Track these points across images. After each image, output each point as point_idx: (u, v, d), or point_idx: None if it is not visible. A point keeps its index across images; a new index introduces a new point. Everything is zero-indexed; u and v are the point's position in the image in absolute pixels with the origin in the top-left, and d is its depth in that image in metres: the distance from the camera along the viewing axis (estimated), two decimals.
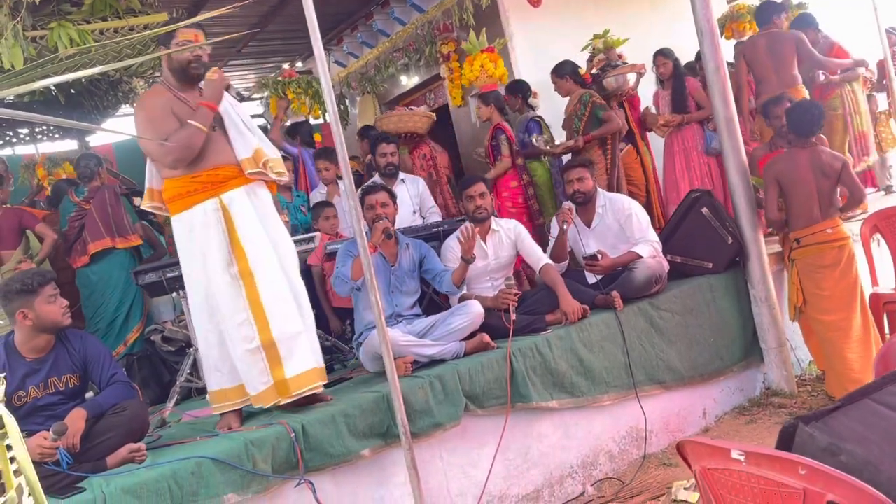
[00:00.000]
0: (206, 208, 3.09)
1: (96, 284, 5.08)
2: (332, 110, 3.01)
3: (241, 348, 3.08)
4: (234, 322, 3.07)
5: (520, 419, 3.61)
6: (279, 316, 3.09)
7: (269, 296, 3.09)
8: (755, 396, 4.54)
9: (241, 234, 3.09)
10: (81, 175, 5.34)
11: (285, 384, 3.07)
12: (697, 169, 5.69)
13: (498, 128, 5.43)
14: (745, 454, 1.57)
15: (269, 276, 3.11)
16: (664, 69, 5.80)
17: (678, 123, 5.72)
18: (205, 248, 3.09)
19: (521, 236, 4.26)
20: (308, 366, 3.14)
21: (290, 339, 3.10)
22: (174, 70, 3.18)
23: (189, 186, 3.10)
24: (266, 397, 3.09)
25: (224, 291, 3.07)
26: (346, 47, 7.77)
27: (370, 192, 3.96)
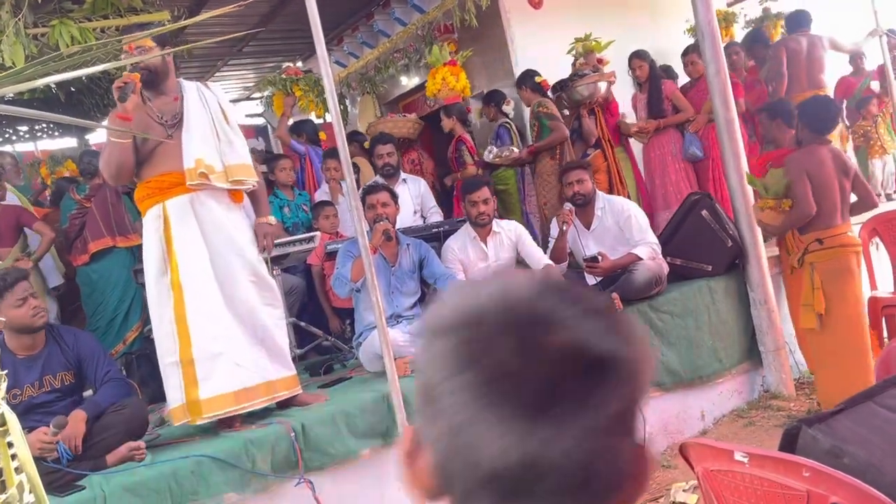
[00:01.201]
0: (151, 215, 3.04)
1: (96, 283, 5.07)
2: (335, 110, 3.01)
3: (163, 361, 3.03)
4: (160, 333, 3.03)
5: None
6: (202, 334, 2.96)
7: (195, 312, 2.96)
8: (753, 399, 4.54)
9: (175, 244, 2.98)
10: (84, 171, 5.33)
11: (198, 405, 2.95)
12: (673, 175, 5.57)
13: (459, 140, 5.53)
14: (748, 456, 1.58)
15: (198, 291, 2.97)
16: (640, 72, 5.67)
17: (653, 129, 5.60)
18: (147, 255, 3.05)
19: (522, 238, 4.26)
20: (226, 389, 2.98)
21: (210, 359, 2.96)
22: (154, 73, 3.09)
23: (142, 192, 3.08)
24: (177, 415, 3.00)
25: (155, 301, 3.02)
26: (346, 47, 7.76)
27: (371, 191, 3.96)
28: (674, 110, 5.62)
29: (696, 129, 5.54)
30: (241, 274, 3.10)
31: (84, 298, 5.15)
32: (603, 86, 5.33)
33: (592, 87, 5.28)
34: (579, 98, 5.31)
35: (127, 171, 3.01)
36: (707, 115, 5.42)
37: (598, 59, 5.70)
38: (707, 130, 5.50)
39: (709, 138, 5.48)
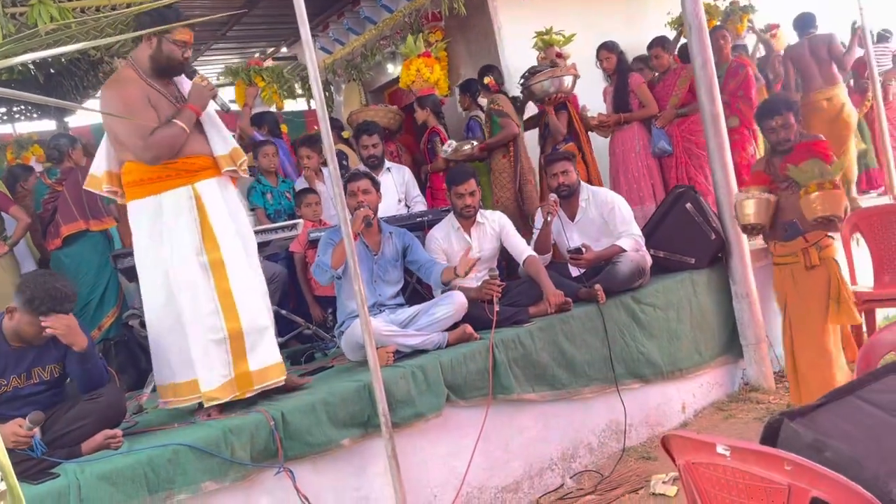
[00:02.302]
0: (179, 195, 3.03)
1: (68, 267, 4.98)
2: (319, 97, 2.97)
3: (206, 339, 3.00)
4: (201, 312, 3.00)
5: (501, 411, 3.60)
6: (249, 308, 3.07)
7: (240, 287, 3.06)
8: (734, 392, 4.58)
9: (214, 224, 3.05)
10: (50, 157, 5.24)
11: (248, 377, 3.03)
12: (635, 171, 5.46)
13: (433, 131, 5.47)
14: (730, 449, 1.57)
15: (240, 268, 3.09)
16: (607, 63, 5.54)
17: (615, 123, 5.48)
18: (172, 236, 3.02)
19: (506, 229, 4.25)
20: (272, 360, 3.12)
21: (257, 331, 3.08)
22: (156, 60, 3.08)
23: (161, 172, 3.03)
24: (223, 391, 3.01)
25: (190, 280, 3.00)
26: (331, 34, 7.68)
27: (353, 179, 3.93)
28: (641, 105, 5.49)
29: (663, 124, 5.42)
30: (254, 256, 3.27)
31: None
32: (568, 80, 5.12)
33: (555, 82, 5.08)
34: (538, 94, 5.17)
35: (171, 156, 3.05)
36: (674, 110, 5.38)
37: (556, 53, 5.52)
38: (672, 126, 5.42)
39: (675, 134, 5.40)
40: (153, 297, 3.12)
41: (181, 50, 3.07)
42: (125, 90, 3.06)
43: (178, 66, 3.12)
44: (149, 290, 3.13)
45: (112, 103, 3.08)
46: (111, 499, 2.54)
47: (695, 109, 5.27)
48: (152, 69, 3.09)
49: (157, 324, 3.12)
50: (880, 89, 6.24)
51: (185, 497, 2.69)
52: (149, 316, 3.16)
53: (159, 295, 3.08)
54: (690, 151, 5.37)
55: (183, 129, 3.01)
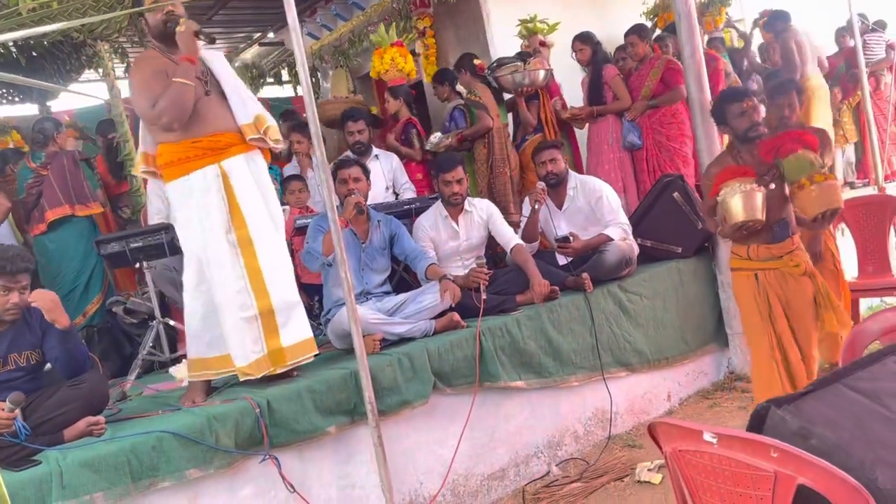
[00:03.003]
0: (206, 174, 3.04)
1: (53, 253, 4.93)
2: (306, 83, 2.94)
3: (236, 316, 3.02)
4: (231, 289, 3.02)
5: (487, 398, 3.60)
6: (279, 284, 3.09)
7: (269, 264, 3.08)
8: (719, 380, 4.60)
9: (241, 201, 3.06)
10: (35, 141, 5.18)
11: (281, 353, 3.07)
12: (607, 164, 5.39)
13: (409, 122, 5.41)
14: (717, 436, 1.57)
15: (269, 245, 3.10)
16: (581, 55, 5.47)
17: (588, 116, 5.42)
18: (202, 214, 3.03)
19: (493, 217, 4.23)
20: (304, 335, 3.17)
21: (288, 308, 3.11)
22: (156, 36, 3.11)
23: (189, 152, 3.03)
24: (258, 367, 3.05)
25: (220, 258, 3.02)
26: (319, 19, 7.61)
27: (343, 165, 3.90)
28: (615, 97, 5.41)
29: (633, 116, 5.35)
30: (282, 232, 3.26)
31: (41, 270, 5.00)
32: (541, 73, 5.02)
33: (525, 74, 4.99)
34: (509, 86, 5.10)
35: (188, 114, 3.00)
36: (645, 103, 5.32)
37: (540, 41, 5.51)
38: (643, 118, 5.36)
39: (645, 126, 5.35)
40: (187, 281, 3.14)
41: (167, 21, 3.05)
42: (141, 68, 3.09)
43: (168, 27, 3.08)
44: (186, 273, 3.15)
45: (132, 81, 3.11)
46: (94, 486, 2.51)
47: (666, 101, 5.28)
48: (164, 44, 3.11)
49: (190, 301, 3.14)
50: (866, 79, 6.27)
51: (169, 484, 2.67)
52: (185, 298, 3.19)
53: (192, 273, 3.10)
54: (661, 144, 5.32)
55: (182, 84, 2.96)
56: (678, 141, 5.30)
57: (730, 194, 3.26)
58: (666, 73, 5.30)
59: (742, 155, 3.42)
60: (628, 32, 5.54)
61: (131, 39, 5.72)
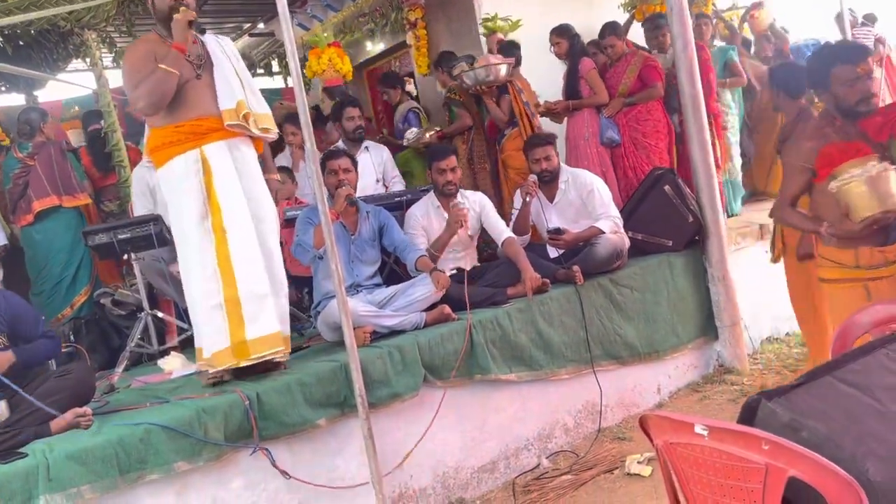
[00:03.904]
0: (187, 159, 3.02)
1: (40, 244, 4.89)
2: (296, 74, 2.92)
3: (205, 304, 2.99)
4: (200, 276, 3.00)
5: (478, 391, 3.60)
6: (247, 275, 3.01)
7: (240, 254, 3.01)
8: (709, 373, 4.61)
9: (217, 188, 3.02)
10: (22, 132, 5.13)
11: (245, 346, 2.99)
12: (585, 160, 5.29)
13: None
14: (708, 429, 1.57)
15: (241, 235, 3.03)
16: (558, 49, 5.39)
17: (564, 110, 5.35)
18: (181, 200, 3.02)
19: (486, 209, 4.23)
20: (271, 329, 3.05)
21: (257, 299, 3.02)
22: (160, 19, 3.08)
23: (172, 136, 3.01)
24: (220, 359, 3.00)
25: (194, 244, 3.00)
26: (309, 10, 7.55)
27: (332, 157, 3.88)
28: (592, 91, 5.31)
29: (610, 113, 5.29)
30: (270, 224, 3.20)
31: (28, 261, 4.98)
32: (503, 69, 4.86)
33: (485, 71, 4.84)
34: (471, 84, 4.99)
35: (166, 102, 2.98)
36: (622, 100, 5.27)
37: (499, 39, 5.44)
38: (620, 116, 5.29)
39: (622, 124, 5.29)
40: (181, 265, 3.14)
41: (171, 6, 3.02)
42: (133, 50, 3.09)
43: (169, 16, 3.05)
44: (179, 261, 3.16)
45: (124, 64, 3.08)
46: (81, 479, 2.50)
47: (643, 98, 5.25)
48: (166, 29, 3.08)
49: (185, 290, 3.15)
50: None
51: (157, 477, 2.66)
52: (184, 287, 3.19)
53: (180, 261, 3.11)
54: (637, 141, 5.26)
55: (166, 72, 2.94)
56: (654, 137, 5.27)
57: (856, 181, 2.53)
58: (643, 71, 5.26)
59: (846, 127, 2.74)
60: (604, 33, 5.46)
61: (119, 29, 5.67)
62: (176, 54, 2.97)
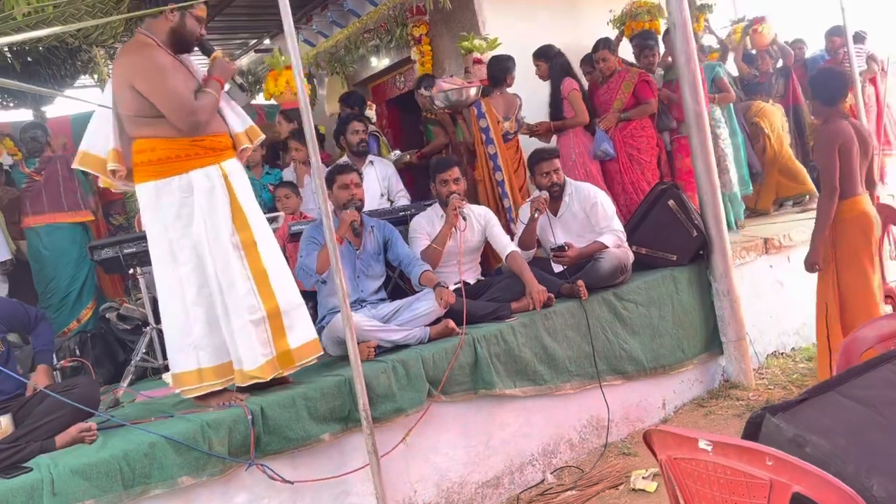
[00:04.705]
0: (210, 174, 2.98)
1: (47, 259, 4.94)
2: (302, 91, 2.94)
3: (243, 319, 2.96)
4: (237, 292, 2.96)
5: (482, 406, 3.59)
6: (283, 286, 3.08)
7: (273, 266, 3.06)
8: (714, 388, 4.60)
9: (242, 203, 3.04)
10: (31, 149, 5.19)
11: (289, 355, 3.05)
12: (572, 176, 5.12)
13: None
14: (712, 444, 1.57)
15: (270, 247, 3.09)
16: (539, 71, 5.45)
17: (546, 131, 5.36)
18: (206, 215, 2.95)
19: (491, 223, 4.24)
20: (311, 336, 3.15)
21: (294, 309, 3.09)
22: (178, 34, 3.03)
23: (189, 150, 2.96)
24: (267, 370, 3.01)
25: (225, 260, 2.96)
26: (315, 26, 7.62)
27: (343, 171, 3.89)
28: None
29: (606, 126, 5.31)
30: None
31: (34, 275, 5.03)
32: (472, 91, 4.81)
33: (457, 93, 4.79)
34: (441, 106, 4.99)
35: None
36: (617, 114, 5.29)
37: (475, 59, 5.46)
38: (614, 131, 5.30)
39: (617, 139, 5.30)
40: (185, 287, 2.99)
41: (200, 25, 3.07)
42: (156, 55, 2.95)
43: (194, 42, 3.09)
44: (182, 278, 2.99)
45: (143, 67, 2.90)
46: (85, 494, 2.50)
47: (639, 113, 5.28)
48: (170, 43, 3.02)
49: (192, 307, 3.00)
50: (860, 89, 6.30)
51: (162, 492, 2.66)
52: (178, 306, 3.01)
53: (192, 283, 2.98)
54: (632, 156, 5.29)
55: (217, 98, 3.00)
56: (647, 153, 5.32)
57: None
58: (638, 86, 5.31)
59: None
60: (597, 47, 5.47)
61: None
62: (217, 85, 3.03)
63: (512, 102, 5.04)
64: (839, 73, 4.14)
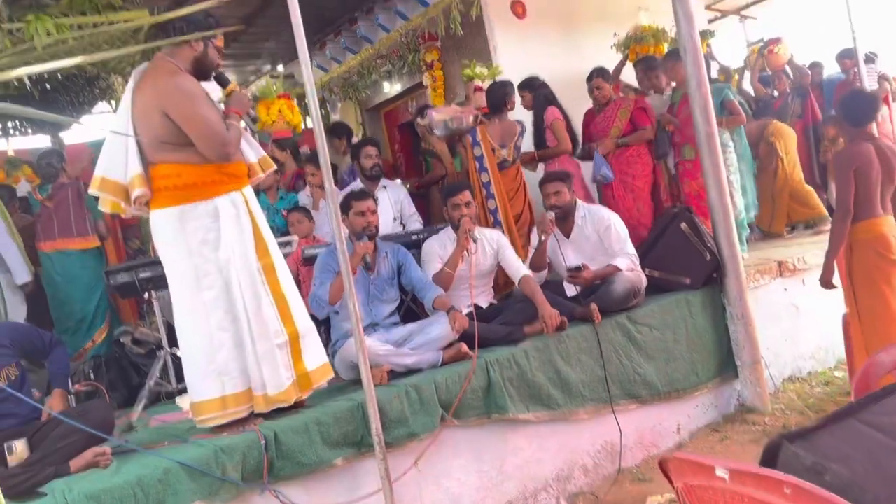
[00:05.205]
0: (235, 200, 3.04)
1: (60, 285, 5.00)
2: (316, 116, 2.97)
3: (269, 343, 3.00)
4: (263, 317, 3.00)
5: (495, 431, 3.57)
6: (299, 310, 3.17)
7: (290, 291, 3.15)
8: (729, 413, 4.55)
9: (262, 229, 3.11)
10: (47, 175, 5.27)
11: (307, 377, 3.13)
12: None
13: (297, 174, 5.59)
14: (729, 471, 1.55)
15: (286, 272, 3.18)
16: (524, 101, 5.48)
17: (529, 160, 5.38)
18: (234, 241, 2.98)
19: (503, 246, 4.24)
20: (323, 359, 3.24)
21: (309, 332, 3.17)
22: (201, 63, 3.09)
23: (214, 176, 3.00)
24: (290, 393, 3.06)
25: (252, 285, 3.01)
26: (329, 52, 7.71)
27: (359, 198, 3.90)
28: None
29: (604, 152, 5.31)
30: None
31: (50, 301, 5.08)
32: (470, 118, 4.80)
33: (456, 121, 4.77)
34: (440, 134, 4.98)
35: None
36: (614, 140, 5.30)
37: (476, 87, 5.46)
38: (612, 157, 5.29)
39: (612, 166, 5.28)
40: (211, 313, 2.96)
41: (219, 55, 3.15)
42: (189, 83, 2.98)
43: (212, 71, 3.16)
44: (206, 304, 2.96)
45: (177, 94, 2.92)
46: None
47: (636, 139, 5.30)
48: (192, 72, 3.08)
49: (217, 332, 2.97)
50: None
51: None
52: (203, 332, 2.97)
53: (218, 308, 2.97)
54: (626, 183, 5.28)
55: (242, 131, 3.09)
56: (641, 180, 5.32)
57: None
58: (634, 113, 5.34)
59: None
60: (592, 75, 5.49)
61: None
62: (237, 118, 3.09)
63: (511, 130, 5.01)
64: (867, 96, 4.20)
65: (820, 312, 5.00)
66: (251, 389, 3.03)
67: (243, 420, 3.05)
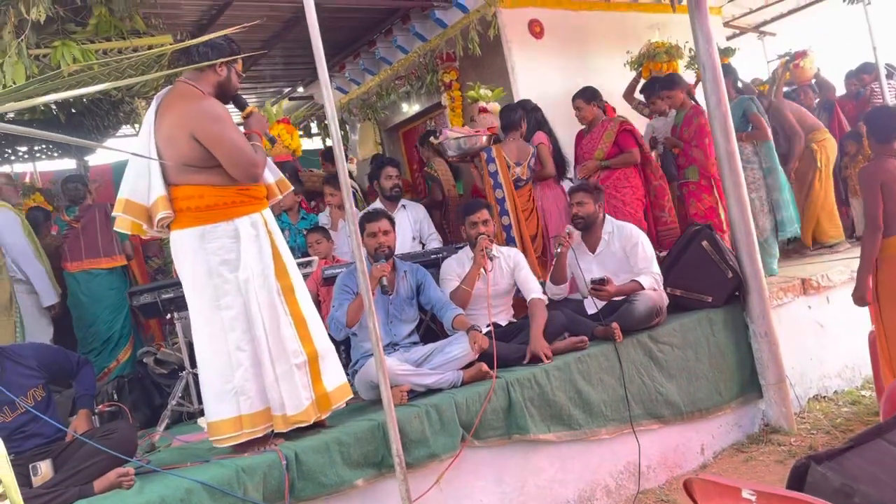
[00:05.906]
0: (255, 221, 3.06)
1: (86, 305, 5.09)
2: (336, 137, 2.99)
3: (288, 364, 3.01)
4: (281, 337, 3.01)
5: (516, 451, 3.55)
6: (318, 331, 3.17)
7: (309, 312, 3.16)
8: (754, 433, 4.48)
9: (281, 250, 3.12)
10: (72, 197, 5.38)
11: (326, 398, 3.12)
12: (553, 229, 5.08)
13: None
14: (756, 494, 1.53)
15: (304, 293, 3.19)
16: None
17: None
18: (254, 261, 3.00)
19: (520, 265, 4.24)
20: (342, 379, 3.23)
21: (327, 353, 3.18)
22: (224, 87, 3.14)
23: (236, 197, 3.03)
24: (309, 413, 3.05)
25: (271, 306, 3.02)
26: (347, 74, 7.80)
27: (372, 218, 3.93)
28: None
29: (585, 174, 5.25)
30: None
31: (75, 322, 5.15)
32: (483, 138, 4.82)
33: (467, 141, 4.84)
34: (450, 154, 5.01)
35: None
36: (597, 162, 5.22)
37: (481, 108, 5.45)
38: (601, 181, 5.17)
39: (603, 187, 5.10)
40: (230, 333, 2.97)
41: (239, 79, 3.20)
42: (217, 107, 3.03)
43: (233, 94, 3.21)
44: (226, 324, 2.98)
45: (206, 117, 2.96)
46: None
47: (619, 163, 5.19)
48: (215, 95, 3.11)
49: (235, 352, 2.97)
50: None
51: None
52: (220, 352, 2.98)
53: (237, 328, 2.98)
54: (616, 208, 5.14)
55: (259, 146, 3.13)
56: (632, 205, 5.19)
57: None
58: (619, 136, 5.23)
59: None
60: (575, 97, 5.43)
61: None
62: (259, 139, 3.15)
63: (525, 149, 5.02)
64: (893, 112, 4.17)
65: (846, 330, 4.93)
66: (269, 409, 3.03)
67: (263, 439, 3.05)
